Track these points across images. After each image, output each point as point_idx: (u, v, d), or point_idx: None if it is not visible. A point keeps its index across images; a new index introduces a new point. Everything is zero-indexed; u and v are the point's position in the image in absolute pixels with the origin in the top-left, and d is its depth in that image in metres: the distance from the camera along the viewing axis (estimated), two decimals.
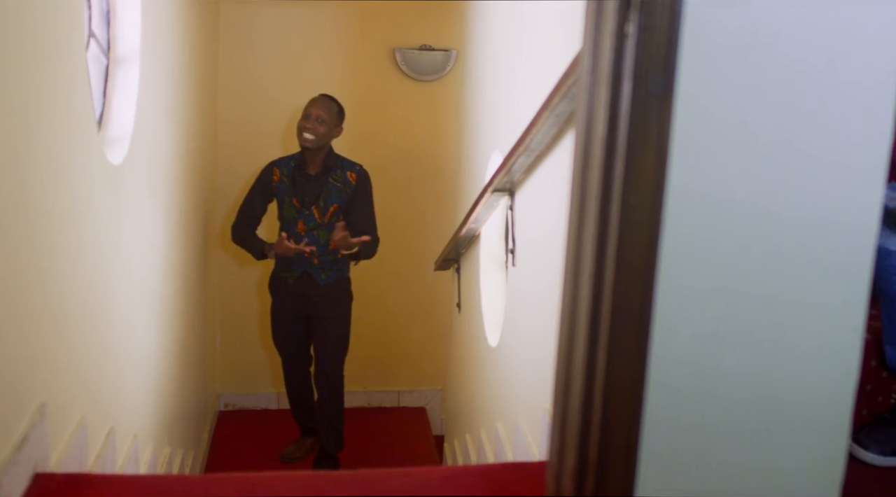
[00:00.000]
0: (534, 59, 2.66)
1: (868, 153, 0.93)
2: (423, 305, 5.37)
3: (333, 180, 4.03)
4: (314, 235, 4.04)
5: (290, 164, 4.08)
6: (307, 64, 5.01)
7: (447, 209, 5.10)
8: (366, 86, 5.07)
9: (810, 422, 1.00)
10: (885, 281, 1.91)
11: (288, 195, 4.05)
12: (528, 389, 2.52)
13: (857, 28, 0.91)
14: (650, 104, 0.89)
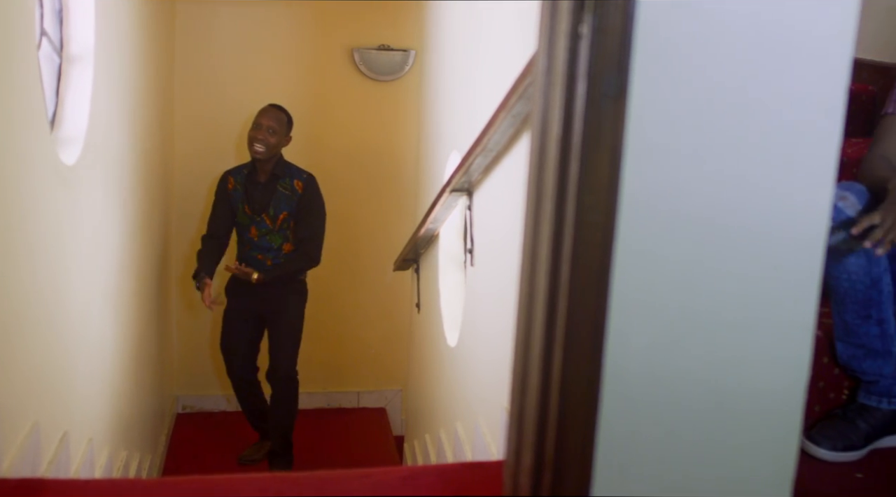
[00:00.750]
0: (491, 60, 2.67)
1: (819, 153, 0.95)
2: (382, 306, 5.36)
3: (282, 188, 4.13)
4: (267, 241, 4.17)
5: (243, 172, 4.19)
6: (265, 64, 4.99)
7: (406, 209, 5.10)
8: (324, 86, 5.05)
9: (763, 419, 1.01)
10: (836, 279, 1.94)
11: (241, 202, 4.16)
12: (488, 389, 2.52)
13: (809, 28, 0.92)
14: (604, 104, 0.89)
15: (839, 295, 1.96)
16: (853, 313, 1.95)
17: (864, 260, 1.90)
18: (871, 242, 1.77)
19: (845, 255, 1.90)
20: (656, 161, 0.92)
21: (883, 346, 1.96)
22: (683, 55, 0.90)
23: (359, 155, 5.17)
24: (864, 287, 1.91)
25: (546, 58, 0.96)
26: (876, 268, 1.91)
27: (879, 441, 1.99)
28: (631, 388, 0.96)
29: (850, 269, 1.91)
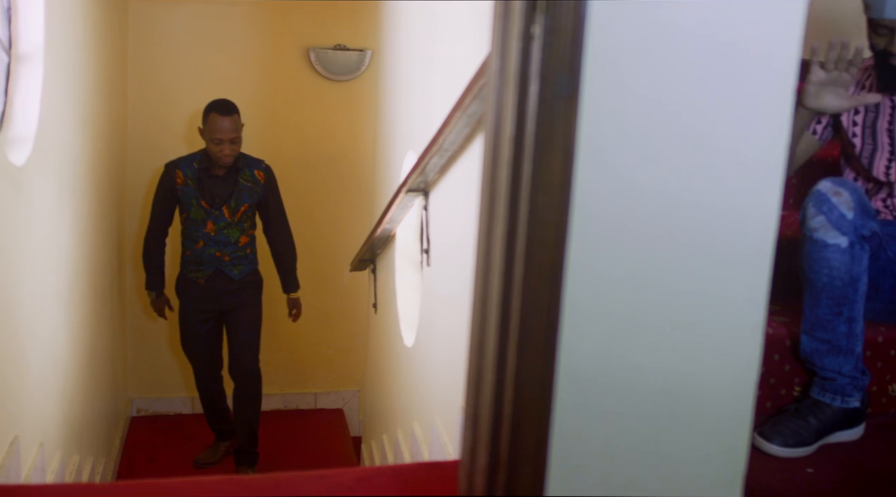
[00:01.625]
0: (447, 60, 2.67)
1: (768, 151, 0.96)
2: (339, 306, 5.35)
3: (243, 180, 4.05)
4: (224, 235, 4.07)
5: (193, 165, 4.04)
6: (220, 63, 4.95)
7: (363, 209, 5.08)
8: (280, 86, 5.03)
9: (714, 415, 1.03)
10: (815, 273, 1.96)
11: (195, 198, 4.02)
12: (444, 389, 2.52)
13: (757, 29, 0.94)
14: (557, 104, 0.90)
15: (816, 289, 1.98)
16: (826, 308, 1.97)
17: (848, 258, 1.92)
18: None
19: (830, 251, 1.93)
20: (608, 161, 0.92)
21: (847, 345, 1.98)
22: (634, 56, 0.91)
23: (315, 155, 5.15)
24: (843, 284, 1.94)
25: (499, 58, 0.96)
26: (857, 266, 1.93)
27: (829, 437, 2.03)
28: (584, 387, 0.97)
29: (832, 264, 1.93)
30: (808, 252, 1.95)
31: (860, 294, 1.96)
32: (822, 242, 1.93)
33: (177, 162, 4.08)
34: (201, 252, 4.09)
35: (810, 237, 1.94)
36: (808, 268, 1.97)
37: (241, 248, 4.13)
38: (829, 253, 1.93)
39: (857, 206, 1.92)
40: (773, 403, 2.14)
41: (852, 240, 1.92)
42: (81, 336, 3.34)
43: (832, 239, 1.92)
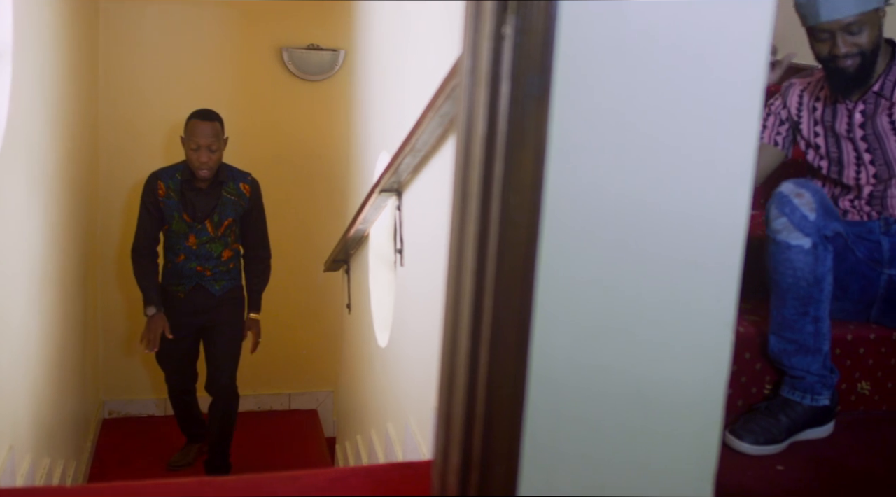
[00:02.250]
0: (420, 60, 2.67)
1: (736, 153, 0.97)
2: (313, 307, 5.33)
3: (227, 193, 3.90)
4: (206, 249, 3.94)
5: (177, 176, 3.89)
6: (192, 63, 4.92)
7: (336, 210, 5.07)
8: (253, 86, 5.00)
9: (685, 414, 1.03)
10: (780, 274, 1.98)
11: (178, 210, 3.88)
12: (418, 389, 2.52)
13: (726, 31, 0.94)
14: (528, 104, 0.90)
15: (782, 289, 2.00)
16: (792, 309, 1.99)
17: (812, 258, 1.94)
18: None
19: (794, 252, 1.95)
20: (579, 161, 0.93)
21: (815, 344, 2.00)
22: (605, 57, 0.91)
23: (288, 155, 5.13)
24: (807, 285, 1.96)
25: (471, 58, 0.96)
26: (821, 267, 1.95)
27: (800, 434, 2.05)
28: (556, 386, 0.97)
29: (796, 265, 1.95)
30: (772, 253, 1.97)
31: (825, 294, 1.98)
32: (785, 244, 1.95)
33: (159, 173, 3.92)
34: (182, 266, 3.95)
35: (774, 239, 1.96)
36: (773, 269, 1.99)
37: (224, 263, 4.01)
38: (793, 254, 1.95)
39: (820, 207, 1.94)
40: (745, 402, 2.15)
41: (815, 241, 1.94)
42: (52, 338, 3.31)
43: (795, 240, 1.94)
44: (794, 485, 1.89)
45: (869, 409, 2.24)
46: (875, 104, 2.18)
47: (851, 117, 2.21)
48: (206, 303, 4.01)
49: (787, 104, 2.36)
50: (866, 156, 2.21)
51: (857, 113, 2.21)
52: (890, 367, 2.22)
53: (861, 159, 2.22)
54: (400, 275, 2.94)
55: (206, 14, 4.90)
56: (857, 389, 2.22)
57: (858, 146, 2.21)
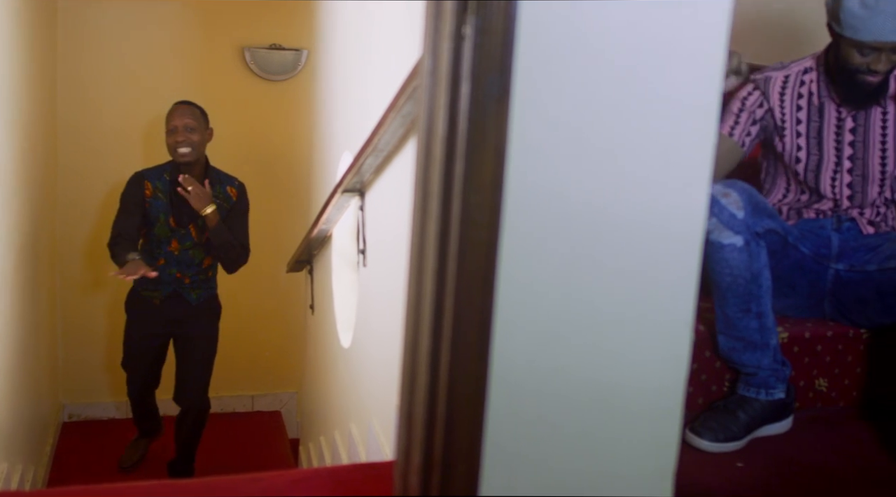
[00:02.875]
0: (382, 60, 2.67)
1: (694, 153, 0.98)
2: (276, 307, 5.30)
3: (215, 197, 3.76)
4: (189, 255, 3.80)
5: (165, 177, 3.75)
6: (153, 64, 4.87)
7: (299, 210, 5.05)
8: (214, 85, 4.96)
9: (645, 413, 1.04)
10: (718, 274, 2.01)
11: (164, 213, 3.73)
12: (381, 389, 2.52)
13: (684, 33, 0.95)
14: (488, 105, 0.90)
15: (721, 289, 2.03)
16: (734, 307, 2.02)
17: (746, 255, 1.97)
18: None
19: (727, 251, 1.97)
20: (539, 161, 0.93)
21: (762, 339, 2.03)
22: (564, 57, 0.92)
23: (251, 155, 5.09)
24: (745, 282, 1.99)
25: (431, 59, 0.96)
26: (756, 263, 1.98)
27: (758, 431, 2.07)
28: (517, 385, 0.98)
29: (731, 263, 1.98)
30: (708, 254, 2.00)
31: (765, 289, 2.01)
32: (718, 243, 1.98)
33: (144, 173, 3.77)
34: (161, 271, 3.73)
35: (707, 239, 1.99)
36: (711, 269, 2.01)
37: (204, 271, 3.87)
38: (727, 253, 1.97)
39: (748, 204, 1.97)
40: (705, 399, 2.18)
41: (747, 238, 1.97)
42: (10, 341, 3.26)
43: (727, 239, 1.97)
44: (753, 481, 1.91)
45: (826, 405, 2.27)
46: (868, 112, 2.20)
47: (842, 122, 2.22)
48: (182, 311, 3.87)
49: (768, 99, 2.30)
50: (846, 163, 2.23)
51: (849, 118, 2.22)
52: (846, 364, 2.25)
53: (840, 166, 2.24)
54: (363, 275, 2.94)
55: (167, 13, 4.86)
56: (814, 386, 2.25)
57: (842, 153, 2.23)
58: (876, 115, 2.20)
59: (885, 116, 2.19)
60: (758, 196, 2.04)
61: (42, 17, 4.19)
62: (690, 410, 2.13)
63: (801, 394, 2.23)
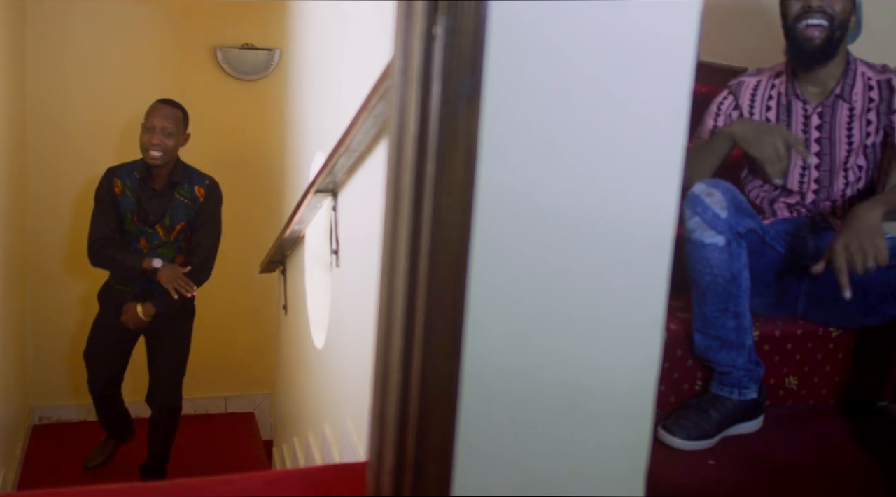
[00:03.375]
0: (355, 59, 2.66)
1: (664, 153, 0.98)
2: (249, 308, 5.27)
3: (180, 196, 3.73)
4: (158, 254, 3.74)
5: (135, 175, 3.72)
6: (124, 63, 4.83)
7: (272, 210, 5.03)
8: (186, 85, 4.93)
9: (617, 411, 1.05)
10: (698, 273, 2.02)
11: (131, 210, 3.70)
12: (354, 390, 2.51)
13: (653, 32, 0.96)
14: (459, 105, 0.90)
15: (701, 288, 2.04)
16: (713, 306, 2.03)
17: (727, 255, 1.98)
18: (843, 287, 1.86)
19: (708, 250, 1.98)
20: (510, 161, 0.93)
21: (738, 339, 2.05)
22: (535, 57, 0.92)
23: (224, 155, 5.06)
24: (725, 281, 2.00)
25: (402, 59, 0.96)
26: (737, 263, 1.99)
27: (730, 429, 2.09)
28: (489, 384, 0.98)
29: (712, 262, 1.99)
30: (689, 253, 2.01)
31: (743, 289, 2.03)
32: (700, 243, 1.99)
33: (116, 169, 3.75)
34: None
35: (689, 238, 2.00)
36: (691, 268, 2.03)
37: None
38: (708, 252, 1.99)
39: (731, 204, 1.99)
40: (677, 398, 2.19)
41: (729, 238, 1.98)
42: None
43: (709, 238, 1.98)
44: (724, 478, 1.93)
45: (797, 403, 2.29)
46: (833, 107, 2.22)
47: (808, 119, 2.25)
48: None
49: (739, 103, 2.36)
50: (813, 159, 2.25)
51: (814, 115, 2.24)
52: (816, 362, 2.27)
53: (806, 169, 2.26)
54: (336, 275, 2.93)
55: (138, 12, 4.82)
56: (785, 384, 2.27)
57: (809, 148, 2.25)
58: (842, 110, 2.22)
59: (852, 112, 2.21)
60: (740, 196, 2.05)
61: (9, 17, 4.14)
62: (663, 409, 2.14)
63: (771, 392, 2.25)
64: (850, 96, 2.21)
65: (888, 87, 2.20)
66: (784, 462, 2.02)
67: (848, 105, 2.21)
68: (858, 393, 2.34)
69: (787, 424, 2.19)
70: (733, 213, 1.98)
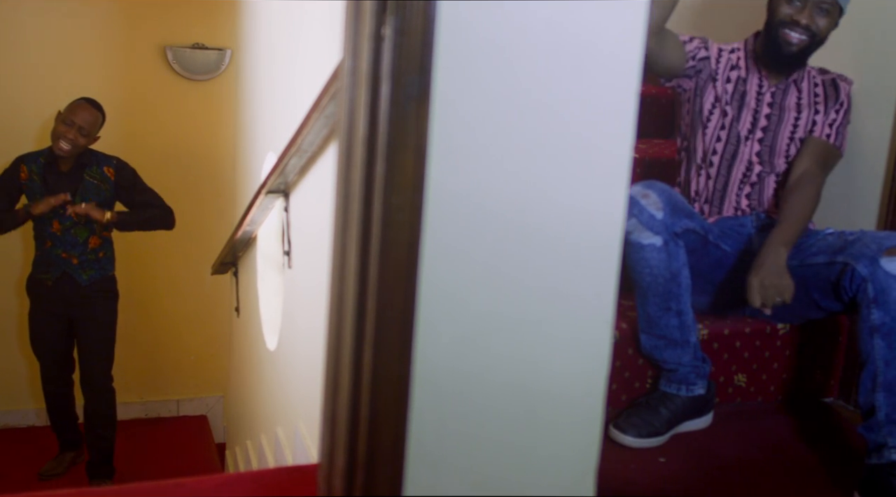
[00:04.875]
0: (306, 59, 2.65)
1: (611, 154, 0.99)
2: (200, 310, 5.23)
3: (89, 177, 3.88)
4: (71, 234, 3.88)
5: (40, 160, 3.88)
6: (72, 62, 4.76)
7: (224, 212, 4.99)
8: (135, 84, 4.87)
9: (567, 410, 1.05)
10: (638, 273, 2.04)
11: (40, 194, 3.84)
12: (307, 392, 2.50)
13: (602, 33, 0.96)
14: (408, 106, 0.90)
15: (642, 288, 2.06)
16: (655, 306, 2.06)
17: (665, 255, 2.00)
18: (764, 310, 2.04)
19: (647, 251, 2.00)
20: (460, 161, 0.94)
21: (682, 337, 2.07)
22: (484, 58, 0.92)
23: (174, 156, 5.01)
24: (665, 280, 2.02)
25: (351, 59, 0.96)
26: (675, 262, 2.02)
27: (680, 426, 2.11)
28: (439, 385, 0.98)
29: (651, 263, 2.01)
30: (628, 254, 2.03)
31: (684, 288, 2.05)
32: (638, 244, 2.01)
33: (24, 156, 3.93)
34: (49, 252, 3.91)
35: (627, 240, 2.02)
36: (632, 269, 2.05)
37: (92, 251, 3.95)
38: (647, 253, 2.01)
39: (667, 205, 2.01)
40: (629, 396, 2.21)
41: (666, 238, 2.00)
42: None
43: (647, 239, 2.00)
44: (675, 475, 1.95)
45: (745, 400, 2.33)
46: (786, 91, 2.28)
47: (762, 95, 2.29)
48: (73, 293, 3.95)
49: (709, 51, 2.34)
50: (758, 133, 2.28)
51: (768, 93, 2.29)
52: (764, 359, 2.31)
53: (752, 134, 2.28)
54: (288, 277, 2.91)
55: (87, 10, 4.75)
56: (733, 382, 2.30)
57: (758, 121, 2.28)
58: (792, 95, 2.27)
59: (800, 101, 2.26)
60: (676, 196, 2.07)
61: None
62: (614, 407, 2.16)
63: (720, 389, 2.28)
64: (801, 85, 2.27)
65: (832, 85, 2.28)
66: (733, 458, 2.05)
67: (797, 93, 2.26)
68: (805, 390, 2.38)
69: (736, 421, 2.23)
70: (669, 213, 2.00)
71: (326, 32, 2.29)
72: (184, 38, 4.89)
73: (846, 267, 1.97)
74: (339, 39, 1.02)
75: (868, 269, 1.91)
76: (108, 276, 4.06)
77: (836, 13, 2.20)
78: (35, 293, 4.01)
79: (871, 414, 1.89)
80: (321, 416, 1.09)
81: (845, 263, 1.98)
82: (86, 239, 3.92)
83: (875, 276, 1.89)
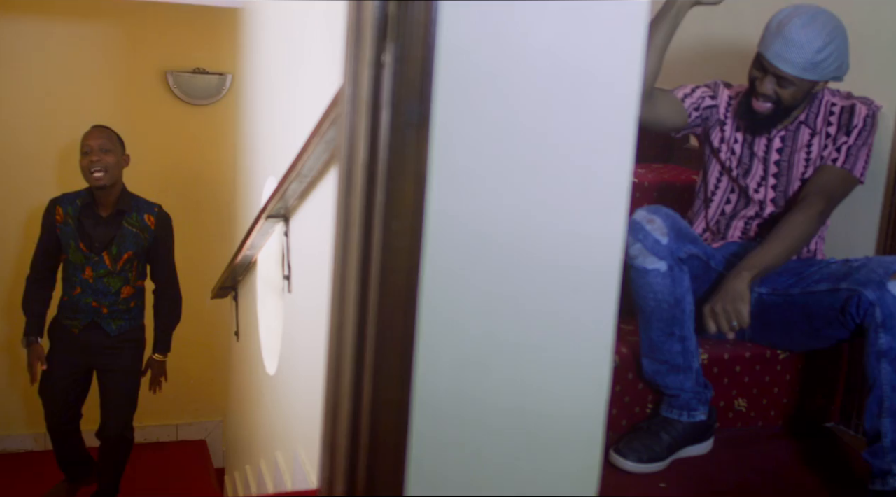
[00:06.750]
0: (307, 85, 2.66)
1: (611, 180, 0.99)
2: (200, 335, 5.21)
3: (128, 224, 3.69)
4: (104, 283, 3.69)
5: (77, 202, 3.68)
6: (74, 87, 4.78)
7: (224, 236, 4.99)
8: (136, 109, 4.89)
9: (567, 435, 1.05)
10: (642, 298, 2.04)
11: (74, 238, 3.65)
12: (307, 417, 2.49)
13: (601, 60, 0.97)
14: (408, 132, 0.90)
15: (646, 313, 2.06)
16: (658, 331, 2.05)
17: (669, 280, 2.00)
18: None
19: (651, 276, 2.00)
20: (460, 188, 0.94)
21: (684, 362, 2.07)
22: (483, 84, 0.93)
23: (175, 180, 5.02)
24: (669, 306, 2.02)
25: (351, 86, 0.97)
26: (679, 288, 2.02)
27: (680, 451, 2.10)
28: (439, 411, 0.98)
29: (655, 288, 2.01)
30: (632, 279, 2.03)
31: (687, 313, 2.05)
32: (642, 269, 2.01)
33: (60, 198, 3.72)
34: (78, 299, 3.70)
35: (632, 265, 2.02)
36: (635, 294, 2.04)
37: (124, 301, 3.75)
38: (651, 278, 2.01)
39: (671, 231, 2.01)
40: (629, 421, 2.20)
41: (670, 263, 2.00)
42: None
43: (651, 264, 2.00)
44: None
45: (746, 425, 2.32)
46: (795, 133, 2.22)
47: (771, 141, 2.24)
48: (100, 342, 3.76)
49: (717, 99, 2.30)
50: (771, 180, 2.26)
51: (777, 138, 2.24)
52: (765, 383, 2.30)
53: (765, 181, 2.26)
54: (288, 301, 2.91)
55: (89, 35, 4.77)
56: (734, 407, 2.29)
57: (769, 169, 2.26)
58: (804, 135, 2.22)
59: (812, 139, 2.21)
60: (681, 222, 2.07)
61: None
62: (614, 432, 2.16)
63: (720, 414, 2.27)
64: (815, 124, 2.21)
65: (849, 112, 2.19)
66: (733, 484, 2.04)
67: (810, 130, 2.22)
68: (806, 414, 2.37)
69: (737, 446, 2.22)
70: (674, 238, 2.00)
71: (327, 59, 2.30)
72: (185, 63, 4.91)
73: (853, 293, 1.96)
74: (339, 66, 1.02)
75: (876, 294, 1.90)
76: (137, 326, 3.90)
77: (805, 87, 2.11)
78: (58, 339, 3.81)
79: (876, 439, 1.88)
80: (321, 442, 1.09)
81: (851, 290, 1.97)
82: (119, 289, 3.73)
83: (883, 300, 1.88)
